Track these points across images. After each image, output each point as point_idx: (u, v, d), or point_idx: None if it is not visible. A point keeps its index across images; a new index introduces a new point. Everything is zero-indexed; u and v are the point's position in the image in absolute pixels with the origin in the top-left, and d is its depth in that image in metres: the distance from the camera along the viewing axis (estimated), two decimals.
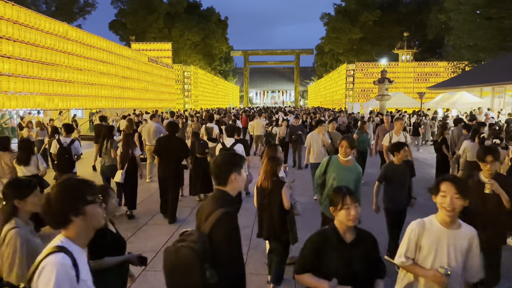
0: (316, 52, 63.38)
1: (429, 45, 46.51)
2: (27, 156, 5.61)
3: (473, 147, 6.63)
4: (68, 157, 6.58)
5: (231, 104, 64.17)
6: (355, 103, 29.07)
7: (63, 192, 1.62)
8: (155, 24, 47.81)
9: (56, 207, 1.59)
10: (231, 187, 2.28)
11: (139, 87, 24.01)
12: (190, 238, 2.07)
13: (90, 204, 1.66)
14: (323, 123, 7.67)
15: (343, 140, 4.25)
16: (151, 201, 7.89)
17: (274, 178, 3.80)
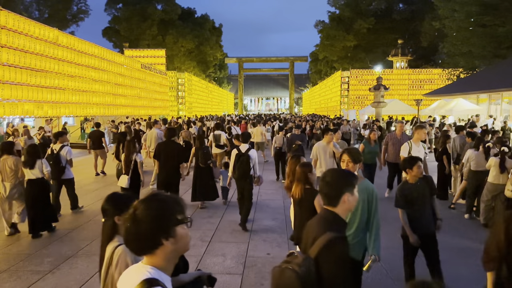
0: (311, 59, 63.51)
1: (423, 53, 46.71)
2: (33, 160, 5.85)
3: (477, 156, 6.37)
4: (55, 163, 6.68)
5: (225, 111, 63.93)
6: (350, 110, 28.91)
7: (152, 210, 1.36)
8: (149, 31, 47.61)
9: (144, 228, 1.34)
10: (342, 209, 2.09)
11: (132, 94, 23.66)
12: (295, 261, 1.93)
13: (180, 225, 1.40)
14: (331, 131, 6.77)
15: (344, 154, 3.42)
16: None
17: (306, 187, 3.53)
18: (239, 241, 5.50)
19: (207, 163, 7.36)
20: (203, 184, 7.33)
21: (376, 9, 48.16)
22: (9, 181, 5.79)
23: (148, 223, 1.33)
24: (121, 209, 2.19)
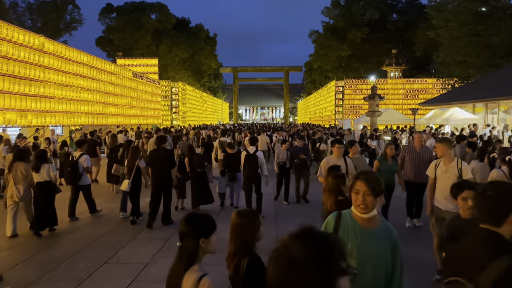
0: (305, 69, 63.50)
1: (417, 62, 46.82)
2: (39, 164, 6.42)
3: (483, 168, 5.94)
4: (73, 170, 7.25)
5: (220, 120, 63.52)
6: (345, 120, 28.60)
7: (312, 252, 1.07)
8: (142, 41, 47.34)
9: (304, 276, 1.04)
10: (507, 229, 1.79)
11: (123, 103, 23.16)
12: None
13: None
14: (339, 143, 5.69)
15: (359, 181, 2.21)
16: None
17: (339, 198, 3.29)
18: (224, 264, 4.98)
19: (204, 167, 7.89)
20: (203, 189, 7.82)
21: (370, 19, 48.33)
22: (21, 184, 6.30)
23: (310, 270, 1.04)
24: (203, 232, 2.09)
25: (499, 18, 25.85)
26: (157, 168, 7.00)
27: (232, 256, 2.42)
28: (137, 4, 50.24)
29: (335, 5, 49.51)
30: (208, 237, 2.12)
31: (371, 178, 2.20)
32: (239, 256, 2.39)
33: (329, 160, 5.54)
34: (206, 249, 2.13)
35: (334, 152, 5.65)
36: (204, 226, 2.13)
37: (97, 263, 5.06)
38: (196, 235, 2.08)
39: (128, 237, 6.08)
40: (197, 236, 2.08)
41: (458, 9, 26.13)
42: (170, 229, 6.54)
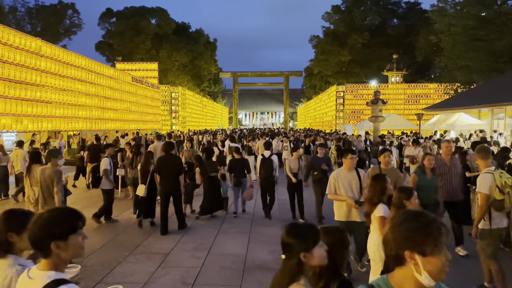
0: (305, 74, 63.29)
1: (418, 67, 46.59)
2: None
3: None
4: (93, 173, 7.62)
5: (219, 125, 63.19)
6: (348, 125, 28.24)
7: None
8: (142, 45, 47.11)
9: None
10: None
11: (122, 107, 22.80)
12: None
13: None
14: (352, 153, 4.99)
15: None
16: None
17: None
18: (229, 284, 4.59)
19: (217, 171, 7.94)
20: (215, 195, 7.87)
21: (371, 24, 48.16)
22: (37, 186, 6.05)
23: None
24: (307, 245, 1.92)
25: (502, 22, 25.59)
26: (165, 175, 6.93)
27: (317, 278, 2.14)
28: (137, 9, 50.09)
29: (335, 10, 49.37)
30: (311, 250, 1.91)
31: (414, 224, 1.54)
32: (326, 279, 2.15)
33: (339, 174, 4.90)
34: (309, 263, 1.92)
35: (346, 164, 4.91)
36: (308, 239, 1.93)
37: (89, 284, 4.64)
38: (300, 248, 1.90)
39: (124, 251, 5.67)
40: (301, 249, 1.90)
41: (460, 14, 25.87)
42: (169, 243, 6.14)
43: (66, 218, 1.64)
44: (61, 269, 1.63)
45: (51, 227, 1.59)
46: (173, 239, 6.28)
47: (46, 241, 1.58)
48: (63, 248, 1.59)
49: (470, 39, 26.04)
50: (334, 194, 4.92)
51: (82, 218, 1.68)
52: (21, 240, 1.94)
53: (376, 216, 3.57)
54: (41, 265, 1.61)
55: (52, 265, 1.61)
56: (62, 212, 1.67)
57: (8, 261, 1.93)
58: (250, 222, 7.32)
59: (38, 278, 1.59)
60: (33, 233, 1.60)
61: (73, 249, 1.62)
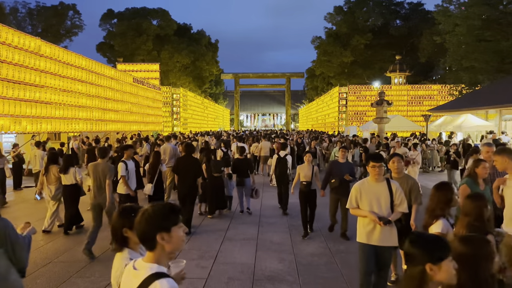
0: (307, 75, 62.98)
1: (420, 68, 46.25)
2: (66, 167, 6.84)
3: None
4: None
5: (221, 127, 62.90)
6: (351, 127, 27.90)
7: None
8: (143, 46, 46.85)
9: None
10: None
11: (123, 109, 22.51)
12: None
13: None
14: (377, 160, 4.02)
15: None
16: None
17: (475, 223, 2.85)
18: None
19: (221, 171, 7.97)
20: (220, 194, 7.95)
21: (373, 25, 47.87)
22: (53, 185, 6.84)
23: None
24: (433, 255, 1.75)
25: (507, 23, 25.28)
26: (183, 177, 6.99)
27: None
28: (138, 10, 49.87)
29: (338, 11, 49.08)
30: (437, 263, 1.74)
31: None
32: None
33: (364, 186, 3.96)
34: (435, 276, 1.75)
35: (372, 174, 3.93)
36: (434, 248, 1.76)
37: None
38: (424, 258, 1.75)
39: None
40: (425, 260, 1.75)
41: (465, 14, 25.56)
42: None
43: (169, 212, 1.75)
44: (163, 263, 1.75)
45: (156, 220, 1.72)
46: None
47: (152, 233, 1.71)
48: (167, 240, 1.71)
49: (475, 39, 25.73)
50: (355, 208, 4.01)
51: (181, 212, 1.81)
52: (134, 235, 2.03)
53: (433, 231, 3.17)
54: (146, 257, 1.75)
55: (155, 258, 1.73)
56: (165, 207, 1.78)
57: (124, 254, 2.16)
58: (257, 228, 6.99)
59: (142, 269, 1.72)
60: (140, 227, 1.74)
61: (176, 240, 1.74)
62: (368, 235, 3.88)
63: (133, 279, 1.72)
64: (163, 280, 1.64)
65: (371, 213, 3.81)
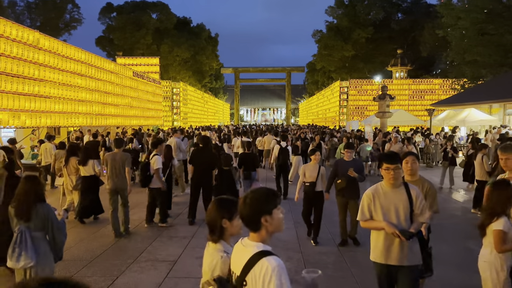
0: (307, 69, 62.64)
1: (422, 63, 45.96)
2: (85, 159, 7.18)
3: None
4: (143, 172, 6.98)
5: (221, 121, 62.69)
6: (353, 121, 27.72)
7: None
8: (143, 40, 46.50)
9: None
10: None
11: (123, 103, 22.31)
12: None
13: None
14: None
15: None
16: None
17: None
18: None
19: (230, 164, 7.86)
20: (228, 187, 7.80)
21: (375, 19, 47.48)
22: (73, 175, 7.19)
23: None
24: None
25: (511, 16, 25.01)
26: (198, 168, 7.15)
27: None
28: (137, 3, 49.42)
29: (339, 4, 48.66)
30: None
31: None
32: None
33: (378, 192, 3.27)
34: None
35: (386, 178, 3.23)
36: None
37: None
38: None
39: (127, 259, 5.19)
40: None
41: (468, 7, 25.27)
42: (176, 248, 5.67)
43: (269, 196, 1.94)
44: (267, 242, 1.92)
45: (260, 205, 1.90)
46: (180, 244, 5.80)
47: (257, 216, 1.89)
48: (269, 222, 1.89)
49: (478, 33, 25.48)
50: (368, 220, 3.30)
51: (279, 196, 2.00)
52: (231, 226, 2.23)
53: (494, 229, 3.04)
54: (251, 237, 1.94)
55: (260, 238, 1.92)
56: (265, 192, 1.97)
57: (218, 246, 2.25)
58: None
59: (250, 247, 1.91)
60: (245, 211, 1.92)
61: (277, 222, 1.92)
62: (386, 252, 3.18)
63: (242, 254, 1.91)
64: (270, 257, 1.82)
65: (390, 225, 3.10)
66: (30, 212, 3.16)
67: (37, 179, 3.41)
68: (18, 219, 3.18)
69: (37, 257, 3.13)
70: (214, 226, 2.25)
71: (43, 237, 3.21)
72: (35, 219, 3.17)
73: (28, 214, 3.15)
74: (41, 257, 3.16)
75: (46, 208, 3.25)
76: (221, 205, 2.27)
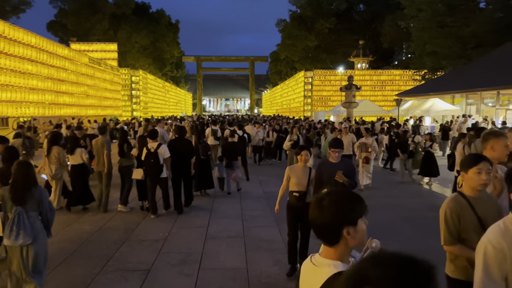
0: (271, 59, 62.37)
1: (382, 54, 46.90)
2: (73, 148, 7.15)
3: None
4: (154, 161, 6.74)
5: (183, 112, 61.18)
6: (320, 111, 27.70)
7: None
8: (99, 26, 44.13)
9: None
10: None
11: (78, 91, 20.85)
12: None
13: None
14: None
15: None
16: None
17: None
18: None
19: (207, 154, 8.14)
20: (204, 175, 8.09)
21: (337, 9, 47.78)
22: (54, 164, 7.00)
23: None
24: None
25: (469, 9, 25.77)
26: (177, 157, 7.06)
27: None
28: None
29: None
30: None
31: None
32: None
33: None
34: None
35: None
36: None
37: None
38: None
39: (92, 268, 4.46)
40: None
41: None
42: (148, 254, 5.03)
43: (355, 201, 1.50)
44: (346, 260, 1.49)
45: (343, 211, 1.46)
46: (152, 248, 5.15)
47: (338, 226, 1.44)
48: (352, 235, 1.45)
49: (438, 25, 26.08)
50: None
51: (364, 202, 1.54)
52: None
53: None
54: (325, 252, 1.50)
55: (338, 255, 1.48)
56: (349, 195, 1.54)
57: None
58: (241, 223, 6.31)
59: (324, 266, 1.48)
60: (322, 218, 1.46)
61: (361, 235, 1.47)
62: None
63: (314, 276, 1.48)
64: None
65: None
66: (27, 196, 3.49)
67: (30, 164, 3.69)
68: (16, 204, 3.45)
69: (34, 235, 3.45)
70: None
71: (37, 217, 3.55)
72: (30, 201, 3.50)
73: (25, 199, 3.48)
74: (37, 235, 3.48)
75: (40, 190, 3.59)
76: None
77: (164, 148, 6.78)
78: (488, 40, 24.11)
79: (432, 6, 25.35)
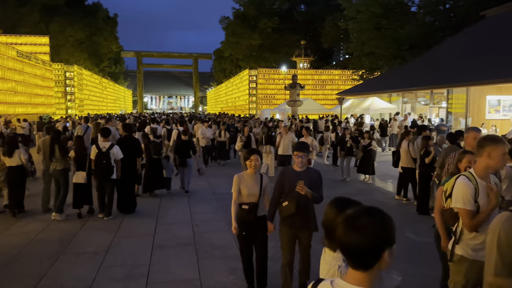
0: (215, 57, 61.79)
1: (323, 54, 48.39)
2: (11, 149, 6.69)
3: None
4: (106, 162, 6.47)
5: (122, 109, 58.60)
6: (265, 109, 27.82)
7: None
8: (28, 17, 40.82)
9: None
10: None
11: (5, 88, 19.04)
12: None
13: None
14: None
15: None
16: None
17: None
18: None
19: (160, 154, 8.14)
20: (156, 175, 8.07)
21: (280, 9, 48.49)
22: None
23: None
24: None
25: (403, 12, 27.32)
26: (127, 157, 6.82)
27: None
28: None
29: None
30: None
31: None
32: None
33: None
34: None
35: None
36: None
37: None
38: None
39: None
40: None
41: (367, 1, 26.88)
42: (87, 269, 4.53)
43: (391, 219, 1.31)
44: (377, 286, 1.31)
45: (384, 232, 1.27)
46: (92, 263, 4.65)
47: (379, 250, 1.25)
48: (391, 256, 1.28)
49: (374, 27, 27.34)
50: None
51: None
52: None
53: None
54: (354, 278, 1.29)
55: (371, 279, 1.29)
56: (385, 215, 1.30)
57: (338, 254, 2.02)
58: (191, 228, 5.97)
59: None
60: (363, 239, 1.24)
61: (392, 258, 1.31)
62: None
63: None
64: None
65: None
66: None
67: None
68: None
69: None
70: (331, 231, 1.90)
71: None
72: None
73: None
74: None
75: None
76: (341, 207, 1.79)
77: (116, 149, 6.59)
78: (420, 42, 25.72)
79: (370, 8, 26.48)
